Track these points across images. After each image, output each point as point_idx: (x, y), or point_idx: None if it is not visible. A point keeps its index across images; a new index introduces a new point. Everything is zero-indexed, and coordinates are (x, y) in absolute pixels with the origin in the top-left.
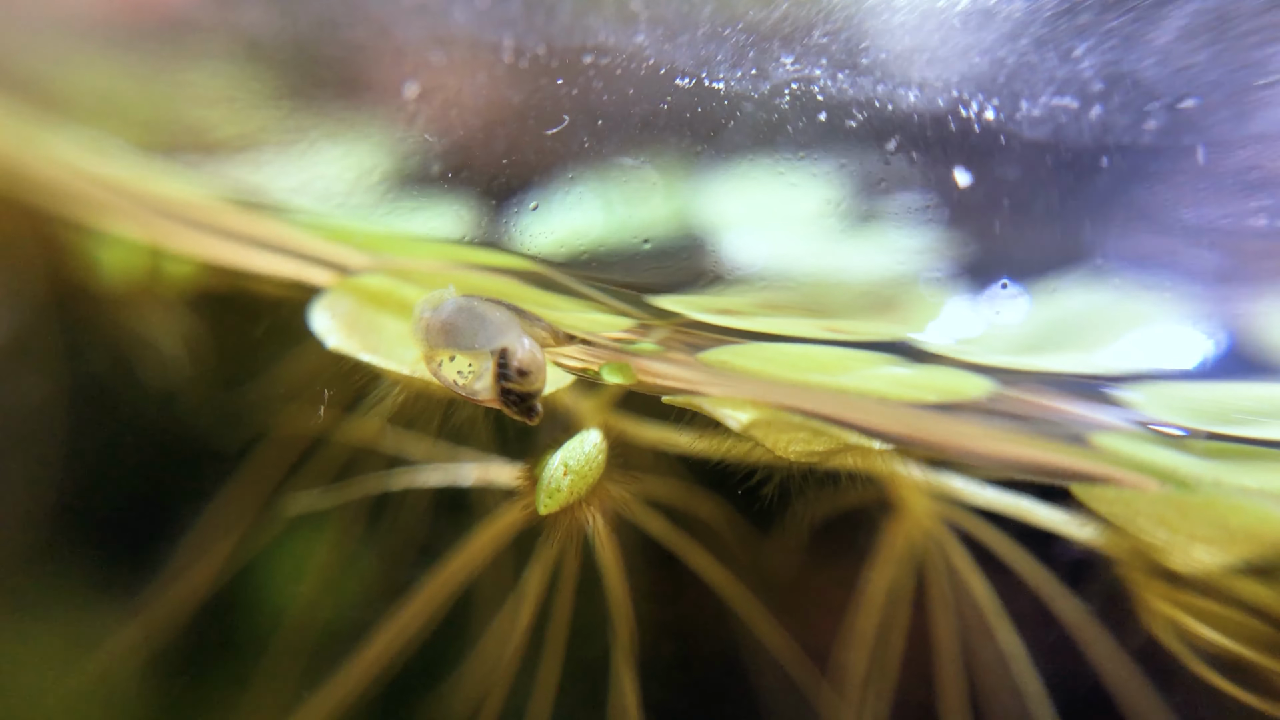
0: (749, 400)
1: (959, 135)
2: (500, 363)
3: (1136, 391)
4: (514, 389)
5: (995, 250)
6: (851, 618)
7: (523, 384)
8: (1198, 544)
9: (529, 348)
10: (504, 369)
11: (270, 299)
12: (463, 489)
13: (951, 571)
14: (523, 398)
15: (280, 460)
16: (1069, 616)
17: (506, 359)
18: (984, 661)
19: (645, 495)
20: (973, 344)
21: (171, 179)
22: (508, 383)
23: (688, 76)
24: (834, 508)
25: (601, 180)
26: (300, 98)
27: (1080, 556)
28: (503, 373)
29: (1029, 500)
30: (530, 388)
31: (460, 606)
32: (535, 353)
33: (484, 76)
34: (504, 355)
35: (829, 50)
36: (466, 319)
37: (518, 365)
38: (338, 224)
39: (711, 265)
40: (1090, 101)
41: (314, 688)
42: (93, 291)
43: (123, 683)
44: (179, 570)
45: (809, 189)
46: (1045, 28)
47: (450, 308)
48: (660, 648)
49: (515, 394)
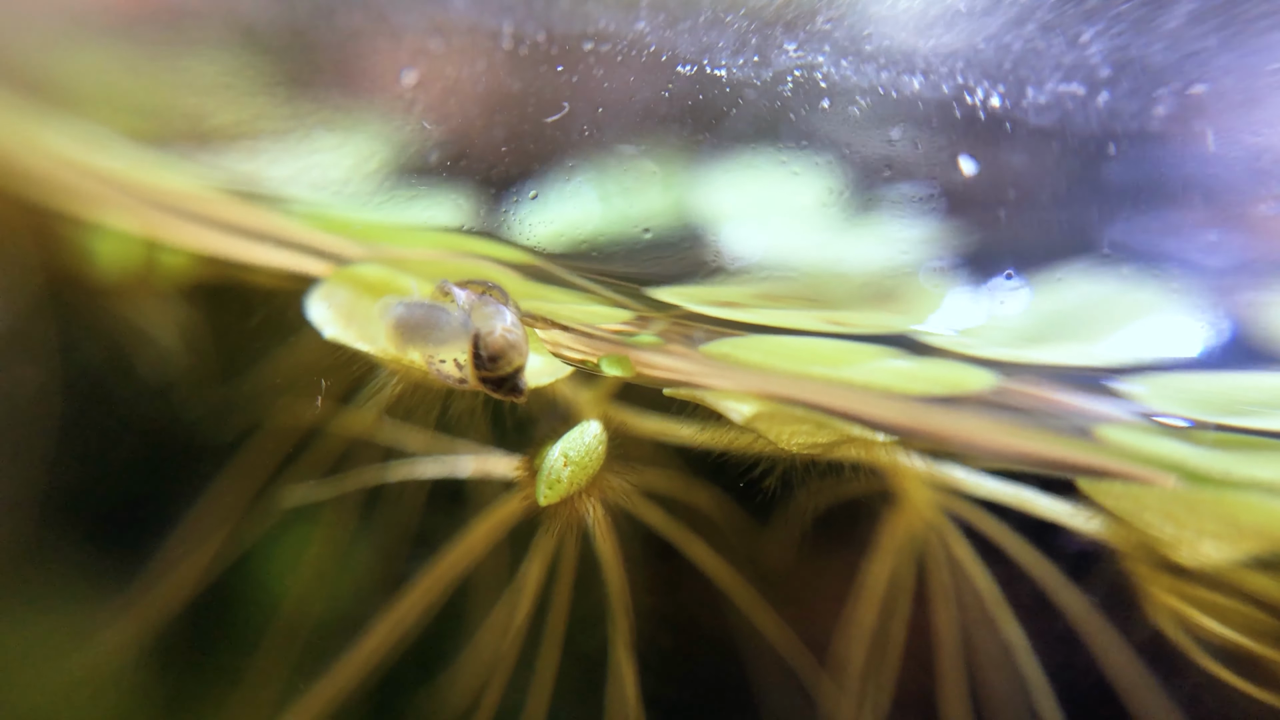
0: (750, 392)
1: (964, 122)
2: (474, 351)
3: (1140, 383)
4: (488, 376)
5: (999, 240)
6: (852, 609)
7: (495, 369)
8: (1206, 539)
9: (498, 332)
10: (477, 357)
11: (266, 289)
12: (460, 480)
13: (953, 562)
14: (500, 381)
15: (276, 452)
16: (1072, 609)
17: (477, 347)
18: (985, 653)
19: (645, 487)
20: (975, 335)
21: (166, 170)
22: (483, 370)
23: (689, 63)
24: (835, 499)
25: (601, 170)
26: (297, 85)
27: (1084, 548)
28: (477, 361)
29: (1032, 491)
30: (503, 371)
31: (458, 598)
32: (506, 335)
33: (483, 64)
34: (475, 343)
35: (832, 36)
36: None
37: (487, 353)
38: (334, 214)
39: (712, 256)
40: (1098, 88)
41: (311, 679)
42: (87, 283)
43: (118, 674)
44: (174, 562)
45: (811, 178)
46: (1052, 13)
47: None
48: (659, 639)
49: (492, 379)
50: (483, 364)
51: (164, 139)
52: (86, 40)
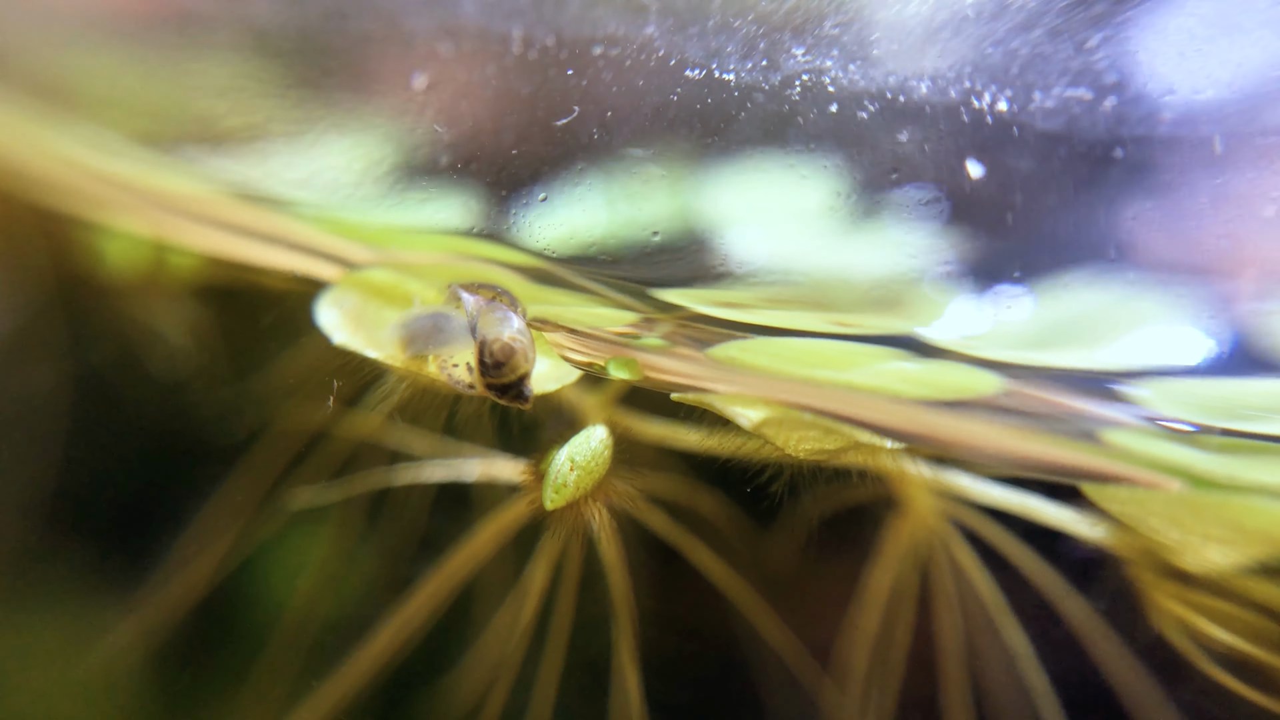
0: (758, 398)
1: (971, 127)
2: (480, 358)
3: (1146, 388)
4: (494, 382)
5: (1006, 244)
6: (856, 614)
7: (500, 376)
8: (1212, 545)
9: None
10: (483, 364)
11: (275, 293)
12: (466, 484)
13: (956, 568)
14: (505, 388)
15: (284, 454)
16: (1076, 615)
17: (482, 354)
18: (988, 659)
19: (650, 491)
20: (981, 340)
21: (178, 173)
22: (488, 376)
23: (698, 68)
24: (840, 504)
25: (610, 173)
26: (308, 88)
27: (1088, 555)
28: (483, 367)
29: (1036, 498)
30: (508, 378)
31: (464, 601)
32: (511, 343)
33: (493, 67)
34: (480, 350)
35: (840, 41)
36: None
37: (492, 359)
38: (343, 218)
39: (719, 260)
40: (1104, 93)
41: (317, 681)
42: (98, 285)
43: (124, 677)
44: (181, 564)
45: (818, 181)
46: (1059, 18)
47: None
48: (663, 643)
49: (497, 386)
50: (488, 370)
51: (176, 142)
52: (99, 44)
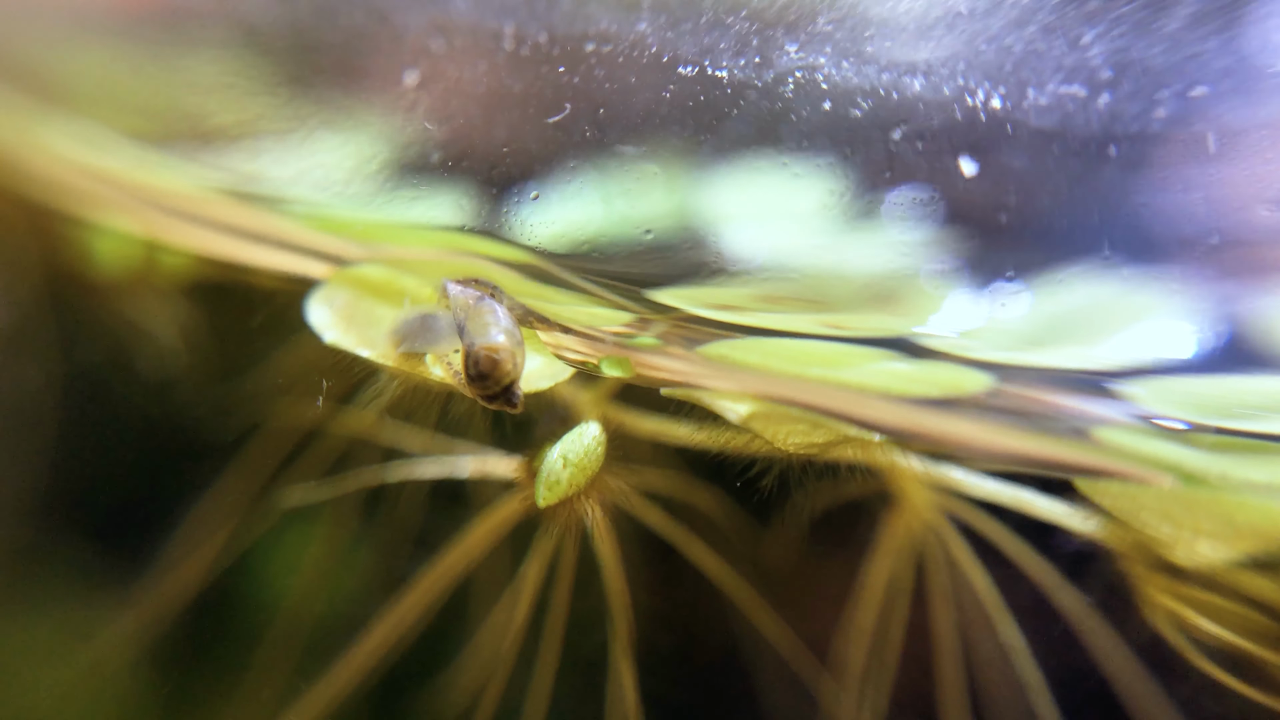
0: (748, 393)
1: (965, 124)
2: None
3: (1139, 386)
4: (481, 392)
5: (1000, 242)
6: (851, 610)
7: (486, 387)
8: (1203, 539)
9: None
10: (469, 374)
11: (266, 290)
12: (460, 481)
13: (951, 563)
14: (492, 397)
15: (276, 452)
16: (1070, 609)
17: (468, 364)
18: (983, 653)
19: (644, 487)
20: (974, 338)
21: (168, 170)
22: (474, 385)
23: (691, 65)
24: (833, 499)
25: (603, 171)
26: (299, 85)
27: (1081, 549)
28: (469, 377)
29: (1030, 492)
30: (492, 390)
31: (458, 599)
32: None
33: (485, 64)
34: (465, 360)
35: (834, 38)
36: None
37: (477, 370)
38: (335, 215)
39: (713, 258)
40: (1099, 89)
41: (311, 680)
42: (88, 283)
43: (117, 675)
44: (174, 562)
45: (812, 179)
46: (1053, 14)
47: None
48: (658, 640)
49: (484, 395)
50: (474, 380)
51: (166, 139)
52: (89, 40)
